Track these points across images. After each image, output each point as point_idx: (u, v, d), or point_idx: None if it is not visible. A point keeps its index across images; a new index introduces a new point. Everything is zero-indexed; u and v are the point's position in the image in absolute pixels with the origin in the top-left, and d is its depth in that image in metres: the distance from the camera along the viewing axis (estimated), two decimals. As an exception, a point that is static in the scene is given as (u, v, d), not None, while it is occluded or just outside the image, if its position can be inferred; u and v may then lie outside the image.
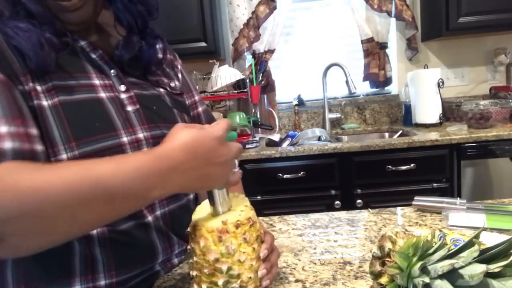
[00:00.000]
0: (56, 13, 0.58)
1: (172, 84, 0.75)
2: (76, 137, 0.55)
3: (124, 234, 0.60)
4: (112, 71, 0.63)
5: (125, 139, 0.60)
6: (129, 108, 0.63)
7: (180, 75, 0.80)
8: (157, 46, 0.72)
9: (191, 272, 0.54)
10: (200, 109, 0.81)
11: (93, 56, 0.62)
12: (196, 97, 0.82)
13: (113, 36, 0.68)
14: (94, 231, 0.58)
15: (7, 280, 0.57)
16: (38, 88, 0.54)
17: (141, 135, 0.62)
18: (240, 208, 0.53)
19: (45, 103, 0.54)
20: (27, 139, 0.50)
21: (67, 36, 0.59)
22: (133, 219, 0.61)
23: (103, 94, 0.60)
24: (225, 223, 0.49)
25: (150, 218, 0.63)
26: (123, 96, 0.63)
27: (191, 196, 0.73)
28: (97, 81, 0.61)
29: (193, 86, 0.83)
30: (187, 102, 0.78)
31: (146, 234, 0.63)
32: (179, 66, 0.81)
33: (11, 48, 0.53)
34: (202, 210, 0.55)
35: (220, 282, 0.49)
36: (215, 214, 0.52)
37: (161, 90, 0.71)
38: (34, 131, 0.52)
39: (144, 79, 0.69)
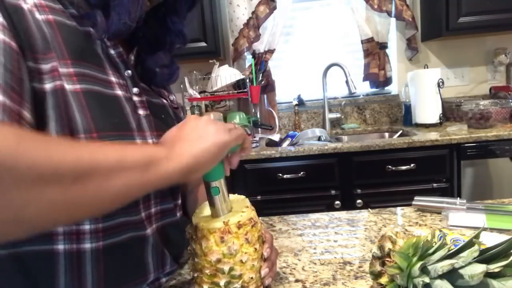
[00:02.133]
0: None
1: (171, 98, 0.75)
2: (97, 129, 0.53)
3: (119, 248, 0.56)
4: (127, 71, 0.61)
5: (138, 141, 0.58)
6: (141, 112, 0.61)
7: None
8: (174, 70, 0.74)
9: (191, 273, 0.54)
10: None
11: (112, 52, 0.59)
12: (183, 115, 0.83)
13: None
14: (88, 246, 0.54)
15: None
16: (61, 70, 0.51)
17: (150, 141, 0.60)
18: (242, 209, 0.54)
19: (67, 86, 0.51)
20: (17, 119, 0.46)
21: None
22: (133, 230, 0.58)
23: (119, 92, 0.58)
24: (227, 224, 0.50)
25: (149, 231, 0.60)
26: (135, 98, 0.61)
27: (178, 214, 0.70)
28: (113, 78, 0.59)
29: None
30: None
31: (142, 249, 0.60)
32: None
33: (38, 24, 0.50)
34: (202, 212, 0.55)
35: (222, 283, 0.50)
36: (215, 215, 0.52)
37: (164, 101, 0.70)
38: (27, 114, 0.48)
39: (149, 87, 0.68)
